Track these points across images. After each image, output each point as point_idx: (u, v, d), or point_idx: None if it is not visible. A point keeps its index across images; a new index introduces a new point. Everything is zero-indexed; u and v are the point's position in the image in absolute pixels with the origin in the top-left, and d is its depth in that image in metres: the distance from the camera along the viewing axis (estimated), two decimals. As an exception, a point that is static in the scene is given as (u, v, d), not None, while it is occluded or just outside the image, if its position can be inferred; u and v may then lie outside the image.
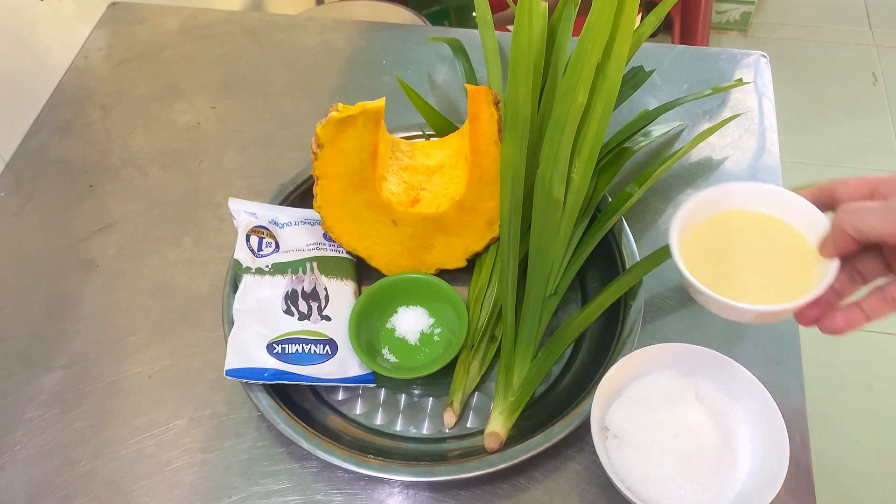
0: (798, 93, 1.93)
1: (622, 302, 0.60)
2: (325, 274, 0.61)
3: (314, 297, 0.59)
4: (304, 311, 0.59)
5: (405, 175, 0.65)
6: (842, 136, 1.84)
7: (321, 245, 0.64)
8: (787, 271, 0.49)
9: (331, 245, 0.64)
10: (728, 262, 0.50)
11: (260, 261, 0.60)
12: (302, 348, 0.57)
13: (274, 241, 0.62)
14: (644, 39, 0.69)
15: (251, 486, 0.55)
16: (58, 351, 0.63)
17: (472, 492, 0.55)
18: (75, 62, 0.87)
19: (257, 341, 0.56)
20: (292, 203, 0.67)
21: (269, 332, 0.57)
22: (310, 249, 0.63)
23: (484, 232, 0.63)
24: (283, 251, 0.62)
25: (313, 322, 0.58)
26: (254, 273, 0.59)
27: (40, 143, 0.79)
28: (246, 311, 0.58)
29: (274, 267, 0.60)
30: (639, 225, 0.68)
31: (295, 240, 0.63)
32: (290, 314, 0.58)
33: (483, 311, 0.61)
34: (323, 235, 0.64)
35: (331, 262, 0.62)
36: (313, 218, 0.64)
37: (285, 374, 0.56)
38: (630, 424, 0.52)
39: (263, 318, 0.58)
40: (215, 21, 0.91)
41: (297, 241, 0.63)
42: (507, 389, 0.56)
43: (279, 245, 0.62)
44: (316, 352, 0.57)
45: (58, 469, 0.57)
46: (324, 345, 0.58)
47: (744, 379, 0.53)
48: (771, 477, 0.49)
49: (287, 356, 0.56)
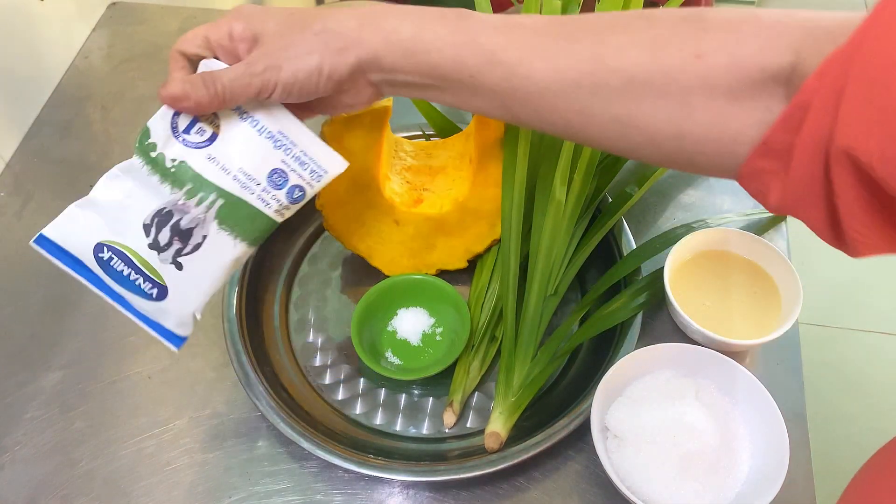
0: (798, 93, 1.93)
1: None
2: (221, 223, 0.45)
3: (184, 237, 0.45)
4: (160, 242, 0.45)
5: (408, 175, 0.65)
6: (842, 136, 1.84)
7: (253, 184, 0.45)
8: (755, 314, 0.60)
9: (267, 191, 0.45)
10: (709, 295, 0.61)
11: (176, 147, 0.44)
12: (130, 273, 0.45)
13: (213, 131, 0.44)
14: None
15: (251, 486, 0.55)
16: (58, 351, 0.63)
17: (472, 492, 0.55)
18: (75, 62, 0.87)
19: (92, 231, 0.45)
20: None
21: (109, 231, 0.45)
22: (235, 180, 0.44)
23: (486, 233, 0.63)
24: (210, 157, 0.44)
25: (161, 261, 0.45)
26: (151, 160, 0.44)
27: (40, 143, 0.79)
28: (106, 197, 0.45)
29: (178, 168, 0.44)
30: (639, 225, 0.68)
31: (238, 150, 0.44)
32: (146, 234, 0.45)
33: (484, 311, 0.61)
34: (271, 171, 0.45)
35: (242, 212, 0.45)
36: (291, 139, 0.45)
37: (96, 278, 0.46)
38: (630, 424, 0.52)
39: (115, 215, 0.45)
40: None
41: (238, 153, 0.44)
42: (508, 389, 0.56)
43: (213, 140, 0.44)
44: (141, 286, 0.46)
45: (58, 469, 0.57)
46: (153, 286, 0.46)
47: (744, 379, 0.53)
48: (771, 477, 0.49)
49: (109, 268, 0.45)
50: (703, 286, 0.61)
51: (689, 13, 0.38)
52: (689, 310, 0.57)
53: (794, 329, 0.60)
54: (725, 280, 0.61)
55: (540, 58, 0.39)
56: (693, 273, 0.61)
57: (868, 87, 0.30)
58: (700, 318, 0.57)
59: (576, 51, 0.39)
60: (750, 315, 0.59)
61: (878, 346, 1.45)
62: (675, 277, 0.60)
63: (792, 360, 0.60)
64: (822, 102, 0.32)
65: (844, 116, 0.31)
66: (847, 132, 0.31)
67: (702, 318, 0.57)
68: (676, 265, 0.61)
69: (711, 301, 0.60)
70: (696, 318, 0.57)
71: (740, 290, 0.60)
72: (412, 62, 0.41)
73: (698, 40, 0.37)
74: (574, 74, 0.38)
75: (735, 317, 0.59)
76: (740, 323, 0.59)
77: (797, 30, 0.35)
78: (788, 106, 0.34)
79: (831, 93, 0.31)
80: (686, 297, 0.59)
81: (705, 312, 0.59)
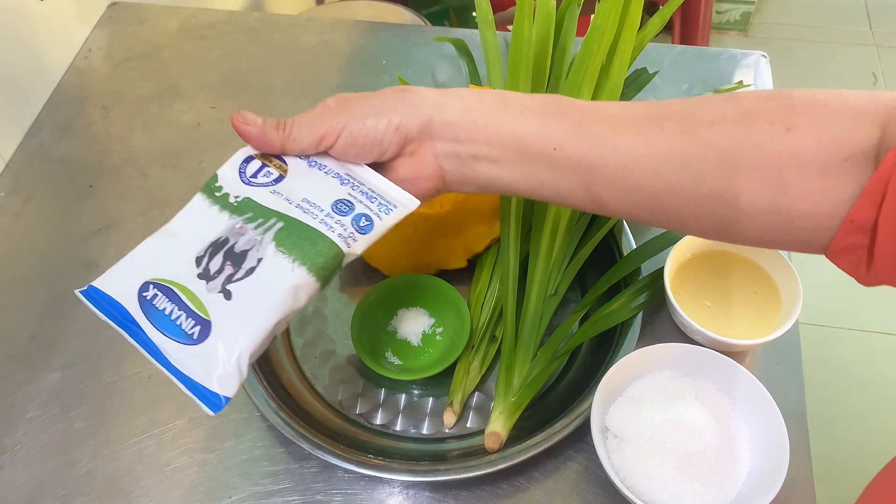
0: (798, 93, 1.93)
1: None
2: (279, 244, 0.41)
3: (237, 260, 0.41)
4: (210, 270, 0.41)
5: (406, 175, 0.65)
6: (842, 136, 1.84)
7: (315, 210, 0.43)
8: (755, 314, 0.60)
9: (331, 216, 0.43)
10: (709, 295, 0.60)
11: (237, 188, 0.44)
12: (173, 311, 0.40)
13: (280, 172, 0.44)
14: (647, 42, 0.69)
15: (251, 486, 0.55)
16: (58, 351, 0.63)
17: (472, 492, 0.55)
18: (75, 62, 0.87)
19: (139, 272, 0.42)
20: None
21: (158, 269, 0.42)
22: (296, 207, 0.43)
23: (485, 233, 0.63)
24: (273, 192, 0.43)
25: (209, 288, 0.41)
26: (206, 196, 0.43)
27: (40, 143, 0.79)
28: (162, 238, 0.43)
29: (239, 203, 0.43)
30: (639, 225, 0.68)
31: (308, 186, 0.44)
32: (196, 265, 0.42)
33: (484, 311, 0.61)
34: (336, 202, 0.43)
35: (303, 234, 0.42)
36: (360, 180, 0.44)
37: (136, 328, 0.40)
38: (630, 424, 0.52)
39: (167, 254, 0.42)
40: (215, 21, 0.91)
41: (309, 188, 0.44)
42: (508, 390, 0.56)
43: (281, 179, 0.44)
44: (182, 326, 0.40)
45: (58, 469, 0.57)
46: (195, 321, 0.40)
47: (744, 379, 0.53)
48: (771, 477, 0.49)
49: (151, 309, 0.40)
50: (703, 286, 0.61)
51: (776, 93, 0.38)
52: (689, 310, 0.57)
53: (794, 329, 0.60)
54: (725, 280, 0.61)
55: (629, 132, 0.38)
56: (693, 273, 0.61)
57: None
58: (700, 318, 0.57)
59: (666, 126, 0.38)
60: (750, 315, 0.59)
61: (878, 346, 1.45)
62: (675, 277, 0.60)
63: (792, 360, 0.60)
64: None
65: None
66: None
67: (702, 318, 0.57)
68: (676, 265, 0.61)
69: (711, 301, 0.60)
70: (696, 318, 0.57)
71: (740, 290, 0.61)
72: (491, 131, 0.40)
73: (787, 116, 0.36)
74: (665, 149, 0.38)
75: (735, 317, 0.59)
76: (740, 323, 0.59)
77: (883, 107, 0.35)
78: (870, 181, 0.34)
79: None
80: (686, 297, 0.59)
81: (705, 312, 0.59)
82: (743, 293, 0.60)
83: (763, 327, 0.58)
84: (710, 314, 0.59)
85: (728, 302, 0.60)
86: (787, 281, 0.59)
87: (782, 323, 0.57)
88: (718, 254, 0.62)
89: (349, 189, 0.44)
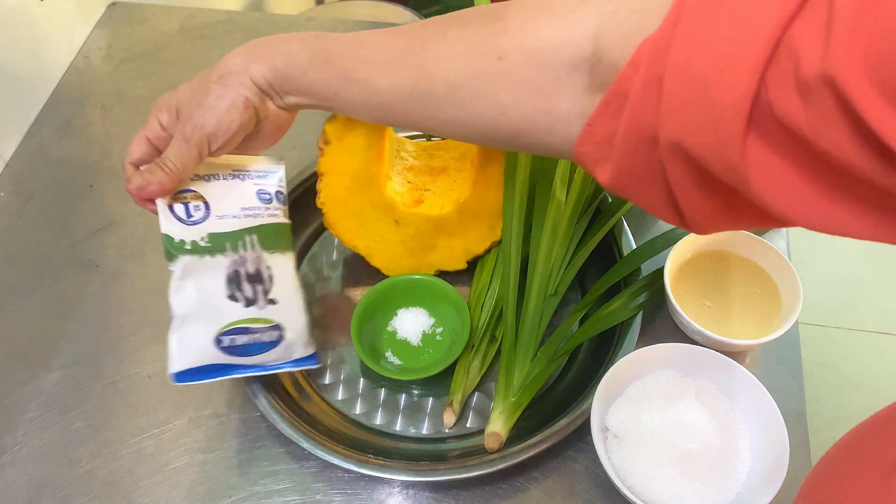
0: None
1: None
2: (266, 248, 0.54)
3: (258, 279, 0.53)
4: (249, 297, 0.53)
5: (409, 175, 0.65)
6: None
7: (255, 210, 0.54)
8: (755, 314, 0.60)
9: (266, 207, 0.55)
10: (709, 295, 0.61)
11: (192, 230, 0.51)
12: (251, 339, 0.53)
13: (202, 202, 0.52)
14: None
15: (251, 486, 0.55)
16: (58, 351, 0.63)
17: (472, 492, 0.55)
18: (75, 62, 0.87)
19: (202, 336, 0.51)
20: (293, 202, 0.67)
21: (214, 324, 0.52)
22: (246, 216, 0.53)
23: (486, 235, 0.63)
24: (217, 216, 0.52)
25: (260, 308, 0.53)
26: (190, 251, 0.51)
27: (40, 143, 0.79)
28: (187, 303, 0.51)
29: (211, 240, 0.51)
30: (639, 225, 0.68)
31: (227, 199, 0.53)
32: (234, 300, 0.52)
33: (484, 311, 0.61)
34: (257, 194, 0.54)
35: (270, 231, 0.54)
36: (241, 168, 0.54)
37: (234, 367, 0.53)
38: (630, 424, 0.52)
39: (206, 310, 0.52)
40: (215, 21, 0.91)
41: (229, 201, 0.53)
42: (508, 390, 0.56)
43: (209, 206, 0.52)
44: (264, 340, 0.53)
45: (58, 469, 0.57)
46: (272, 331, 0.53)
47: (744, 379, 0.53)
48: (771, 477, 0.49)
49: (236, 348, 0.52)
50: (703, 286, 0.61)
51: (491, 10, 0.41)
52: (689, 310, 0.57)
53: (794, 329, 0.60)
54: (725, 280, 0.61)
55: (381, 72, 0.44)
56: (693, 273, 0.61)
57: (687, 83, 0.31)
58: (700, 318, 0.57)
59: (407, 63, 0.43)
60: (750, 315, 0.59)
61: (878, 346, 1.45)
62: (675, 277, 0.60)
63: (792, 360, 0.60)
64: (641, 92, 0.33)
65: (668, 112, 0.32)
66: (674, 126, 0.32)
67: (702, 318, 0.57)
68: (676, 265, 0.61)
69: (711, 301, 0.60)
70: (696, 318, 0.57)
71: (740, 290, 0.61)
72: (293, 86, 0.47)
73: (499, 41, 0.39)
74: (406, 85, 0.43)
75: (735, 317, 0.59)
76: (740, 323, 0.59)
77: (594, 16, 0.36)
78: (606, 94, 0.35)
79: (649, 83, 0.32)
80: (686, 297, 0.59)
81: (705, 312, 0.59)
82: (743, 293, 0.60)
83: (763, 327, 0.58)
84: (710, 314, 0.59)
85: (728, 302, 0.60)
86: (787, 281, 0.59)
87: (782, 323, 0.57)
88: (718, 254, 0.62)
89: (250, 182, 0.54)
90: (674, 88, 0.31)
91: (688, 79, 0.30)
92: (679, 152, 0.32)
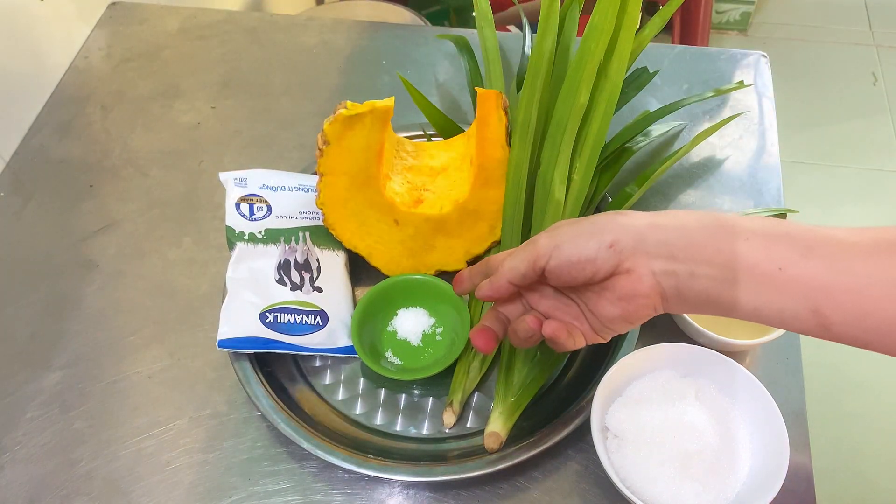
0: (798, 93, 1.93)
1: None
2: (317, 245, 0.62)
3: (306, 267, 0.61)
4: (296, 282, 0.60)
5: (409, 175, 0.65)
6: (842, 136, 1.84)
7: (313, 214, 0.63)
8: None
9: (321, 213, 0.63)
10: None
11: (253, 225, 0.61)
12: (294, 318, 0.58)
13: (266, 204, 0.62)
14: (647, 42, 0.68)
15: (251, 486, 0.55)
16: (58, 351, 0.63)
17: (472, 492, 0.55)
18: (75, 62, 0.87)
19: (250, 310, 0.58)
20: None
21: (261, 300, 0.58)
22: (302, 217, 0.63)
23: (485, 235, 0.63)
24: (276, 216, 0.62)
25: (305, 293, 0.60)
26: (247, 240, 0.61)
27: (40, 143, 0.79)
28: (239, 279, 0.59)
29: (267, 234, 0.61)
30: (639, 225, 0.68)
31: (288, 205, 0.63)
32: (282, 284, 0.60)
33: (484, 311, 0.61)
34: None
35: (323, 232, 0.63)
36: (307, 184, 0.64)
37: (276, 342, 0.57)
38: (630, 424, 0.52)
39: (256, 287, 0.59)
40: (215, 21, 0.91)
41: (289, 206, 0.63)
42: (508, 390, 0.56)
43: (271, 208, 0.62)
44: (307, 322, 0.58)
45: (58, 469, 0.57)
46: (315, 315, 0.59)
47: (744, 379, 0.53)
48: (771, 477, 0.49)
49: (279, 325, 0.58)
50: None
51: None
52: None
53: (794, 329, 0.60)
54: None
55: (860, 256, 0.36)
56: None
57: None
58: (700, 318, 0.57)
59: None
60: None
61: (878, 346, 1.45)
62: None
63: (792, 360, 0.60)
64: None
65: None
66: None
67: (702, 318, 0.57)
68: None
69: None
70: (696, 318, 0.56)
71: None
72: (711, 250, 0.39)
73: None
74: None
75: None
76: (740, 323, 0.58)
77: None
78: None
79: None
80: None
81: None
82: None
83: (763, 327, 0.58)
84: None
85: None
86: None
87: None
88: None
89: (309, 192, 0.64)
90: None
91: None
92: None
